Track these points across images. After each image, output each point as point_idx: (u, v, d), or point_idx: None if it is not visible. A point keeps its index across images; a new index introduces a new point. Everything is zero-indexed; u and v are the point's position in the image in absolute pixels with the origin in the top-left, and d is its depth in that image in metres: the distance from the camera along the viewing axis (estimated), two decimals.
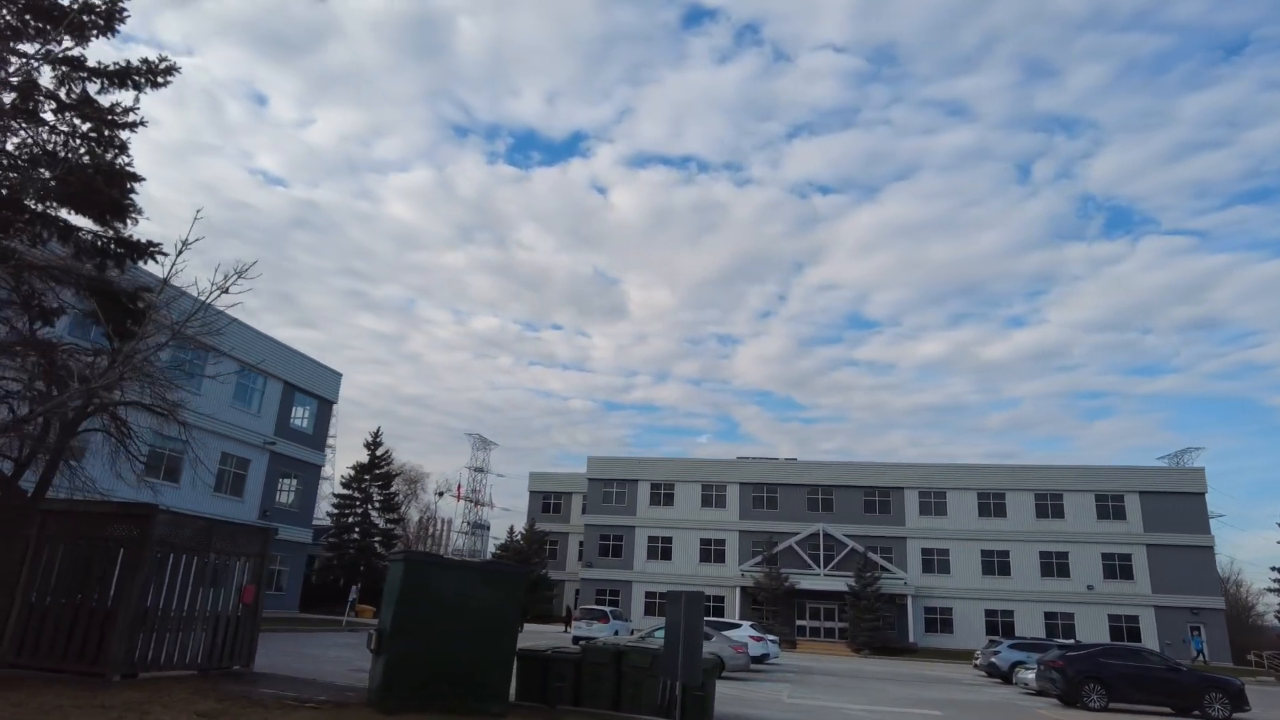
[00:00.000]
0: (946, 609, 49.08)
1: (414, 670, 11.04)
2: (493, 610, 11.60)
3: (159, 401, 13.49)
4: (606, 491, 57.54)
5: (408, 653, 11.04)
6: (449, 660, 11.24)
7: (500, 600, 11.67)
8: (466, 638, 11.37)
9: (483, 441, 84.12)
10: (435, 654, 11.17)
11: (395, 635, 11.06)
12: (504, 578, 11.81)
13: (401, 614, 11.21)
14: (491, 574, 11.76)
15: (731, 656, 22.89)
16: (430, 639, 11.19)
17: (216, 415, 32.27)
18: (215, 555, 13.50)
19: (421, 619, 11.23)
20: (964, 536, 50.09)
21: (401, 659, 11.00)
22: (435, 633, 11.23)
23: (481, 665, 11.39)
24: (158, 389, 13.25)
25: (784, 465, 56.16)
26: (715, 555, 54.55)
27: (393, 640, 11.03)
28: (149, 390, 13.16)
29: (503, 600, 11.69)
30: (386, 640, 11.03)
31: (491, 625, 11.54)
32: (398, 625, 11.12)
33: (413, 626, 11.15)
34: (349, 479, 51.29)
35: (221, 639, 13.55)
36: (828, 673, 28.31)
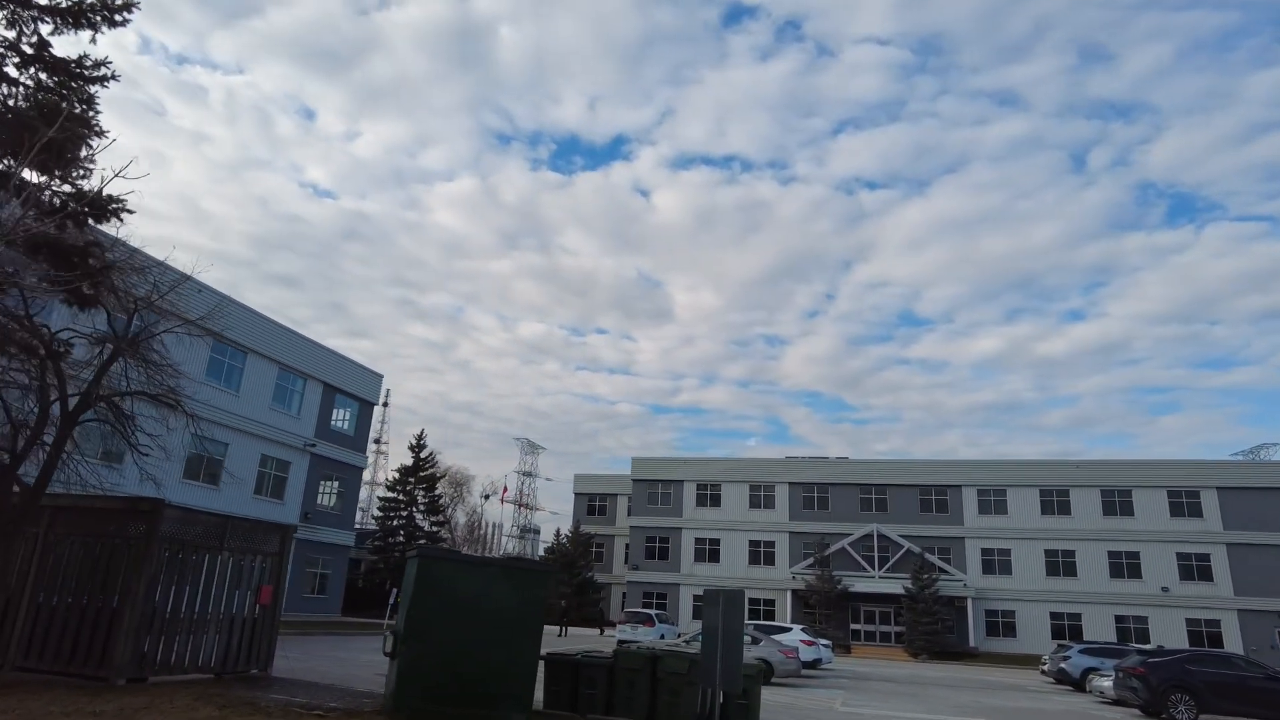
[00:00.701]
0: (1008, 611, 46.86)
1: (428, 676, 10.17)
2: (514, 610, 10.68)
3: (163, 390, 12.69)
4: (651, 493, 56.49)
5: (421, 657, 10.18)
6: (467, 665, 10.35)
7: (522, 599, 10.75)
8: (486, 640, 10.48)
9: (531, 446, 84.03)
10: (451, 658, 10.29)
11: (408, 638, 10.21)
12: (526, 575, 10.88)
13: (414, 615, 10.35)
14: (512, 571, 10.84)
15: (781, 661, 21.70)
16: (446, 642, 10.31)
17: (255, 418, 32.13)
18: (229, 553, 12.86)
19: (436, 620, 10.36)
20: (1026, 536, 47.81)
21: (414, 664, 10.14)
22: (451, 635, 10.35)
23: (502, 670, 10.47)
24: (155, 375, 12.47)
25: (835, 464, 54.45)
26: (765, 557, 53.09)
27: (405, 644, 10.18)
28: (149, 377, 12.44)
29: (525, 599, 10.77)
30: (399, 644, 10.20)
31: (513, 626, 10.62)
32: (410, 627, 10.27)
33: (426, 629, 10.28)
34: (394, 482, 51.21)
35: (237, 641, 12.89)
36: (884, 678, 26.84)
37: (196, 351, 29.61)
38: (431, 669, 10.20)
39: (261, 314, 33.00)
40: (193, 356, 29.52)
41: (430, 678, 10.18)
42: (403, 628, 10.30)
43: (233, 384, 31.35)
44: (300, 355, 34.93)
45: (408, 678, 10.11)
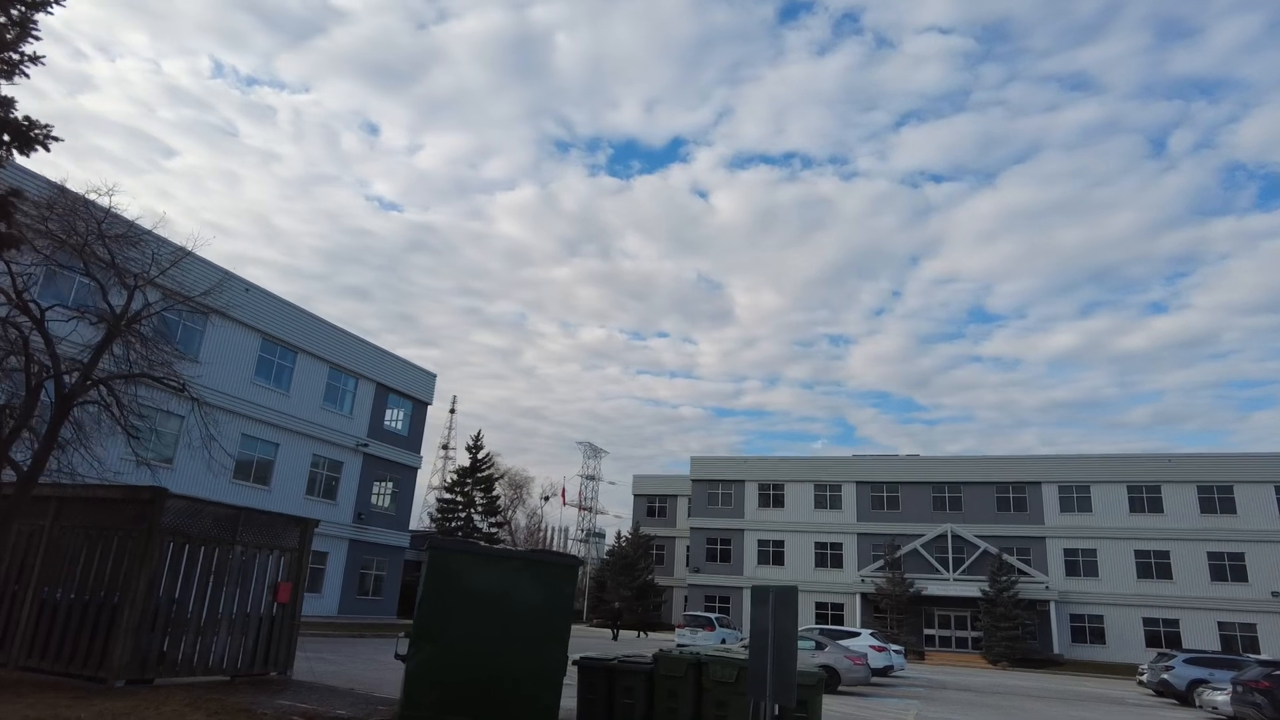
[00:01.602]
0: (1096, 616, 43.74)
1: (441, 681, 9.06)
2: (538, 608, 9.50)
3: (166, 373, 11.91)
4: (711, 493, 54.93)
5: (434, 660, 9.07)
6: (485, 669, 9.21)
7: (548, 596, 9.56)
8: (506, 642, 9.32)
9: (593, 450, 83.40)
10: (468, 662, 9.17)
11: (419, 639, 9.12)
12: (551, 569, 9.68)
13: (426, 614, 9.26)
14: (536, 565, 9.65)
15: (848, 669, 20.05)
16: (461, 644, 9.19)
17: (306, 417, 31.87)
18: (243, 548, 12.01)
19: (451, 620, 9.25)
20: (1113, 535, 44.61)
21: (426, 668, 9.03)
22: (467, 636, 9.23)
23: (525, 675, 9.29)
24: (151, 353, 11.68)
25: (905, 462, 52.00)
26: (832, 560, 50.98)
27: (416, 645, 9.09)
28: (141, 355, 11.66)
29: (551, 596, 9.58)
30: (410, 646, 9.12)
31: (537, 626, 9.44)
32: (422, 628, 9.18)
33: (440, 629, 9.18)
34: (451, 483, 50.91)
35: (252, 642, 12.03)
36: (962, 687, 24.84)
37: (245, 351, 29.53)
38: (445, 673, 9.10)
39: (311, 313, 32.81)
40: (241, 356, 29.44)
41: (444, 683, 9.07)
42: (413, 628, 9.22)
43: (283, 384, 31.14)
44: (351, 355, 34.63)
45: (418, 683, 9.02)
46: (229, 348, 28.73)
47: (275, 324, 30.64)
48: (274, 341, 30.67)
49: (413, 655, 9.05)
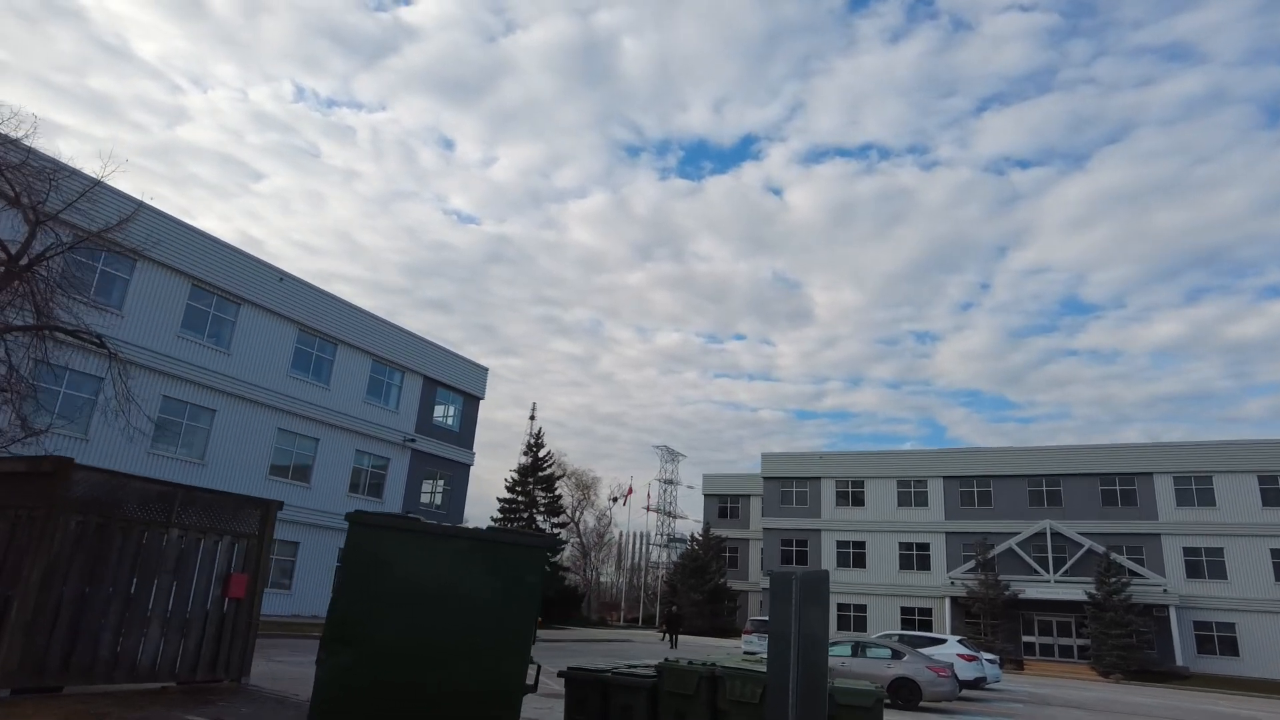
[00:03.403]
0: (1226, 624, 38.77)
1: (359, 699, 6.90)
2: (493, 603, 7.26)
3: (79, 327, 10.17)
4: (785, 491, 51.83)
5: (351, 671, 6.91)
6: (419, 683, 7.00)
7: (506, 588, 7.31)
8: (448, 647, 7.11)
9: (670, 453, 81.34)
10: (396, 673, 6.98)
11: (333, 644, 6.98)
12: (511, 553, 7.41)
13: (343, 611, 7.12)
14: (491, 547, 7.40)
15: (931, 681, 17.11)
16: (388, 650, 7.02)
17: (348, 412, 30.62)
18: (181, 532, 10.17)
19: (375, 618, 7.09)
20: (1243, 532, 39.52)
21: (340, 681, 6.88)
22: (397, 640, 7.06)
23: (473, 691, 7.05)
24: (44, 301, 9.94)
25: (997, 455, 47.70)
26: (918, 561, 47.19)
27: (328, 651, 6.96)
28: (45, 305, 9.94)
29: (510, 588, 7.32)
30: (321, 650, 7.00)
31: (491, 627, 7.20)
32: (336, 628, 7.04)
33: (360, 630, 7.03)
34: (512, 483, 49.36)
35: (196, 644, 10.17)
36: (1070, 704, 21.42)
37: (282, 342, 28.42)
38: (367, 687, 6.92)
39: (350, 304, 31.57)
40: (278, 348, 28.34)
41: (364, 699, 6.90)
42: (326, 627, 7.10)
43: (322, 377, 29.96)
44: (396, 347, 33.32)
45: (330, 701, 6.87)
46: (262, 338, 27.66)
47: (312, 315, 29.48)
48: (311, 333, 29.52)
49: (324, 663, 6.92)
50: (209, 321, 26.21)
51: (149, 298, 24.28)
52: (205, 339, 26.01)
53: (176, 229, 25.14)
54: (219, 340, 26.52)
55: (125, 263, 23.72)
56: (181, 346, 25.08)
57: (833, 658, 18.10)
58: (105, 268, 23.18)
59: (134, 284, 23.86)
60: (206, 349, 25.93)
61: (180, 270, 25.08)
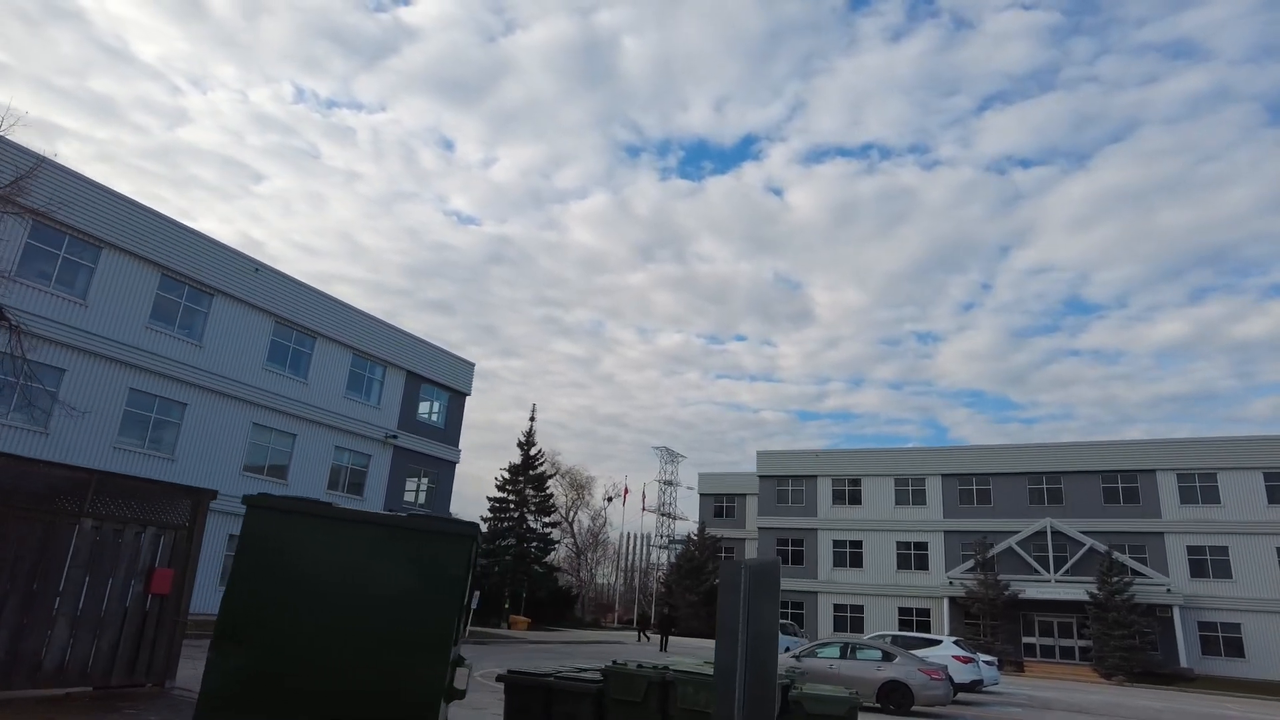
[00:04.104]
0: (1231, 625, 37.82)
1: (258, 704, 6.03)
2: (412, 598, 6.39)
3: None
4: (781, 490, 50.93)
5: (241, 676, 6.05)
6: (320, 691, 6.13)
7: (425, 582, 6.44)
8: (356, 649, 6.23)
9: (670, 454, 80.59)
10: (294, 679, 6.11)
11: (222, 644, 6.11)
12: (430, 542, 6.53)
13: (235, 606, 6.25)
14: (408, 536, 6.53)
15: (923, 684, 16.23)
16: (285, 652, 6.15)
17: (327, 407, 29.75)
18: (96, 523, 9.30)
19: (271, 615, 6.22)
20: (1249, 530, 38.57)
21: (228, 688, 6.01)
22: (296, 641, 6.19)
23: (384, 700, 6.18)
24: None
25: (997, 451, 46.78)
26: (916, 561, 46.27)
27: (217, 653, 6.09)
28: None
29: (430, 582, 6.44)
30: (211, 651, 6.13)
31: (406, 626, 6.32)
32: (227, 626, 6.17)
33: (253, 629, 6.16)
34: (502, 481, 48.45)
35: (112, 645, 9.30)
36: (1072, 707, 20.52)
37: (257, 335, 27.58)
38: (264, 691, 6.06)
39: (330, 296, 30.71)
40: (253, 340, 27.50)
41: (260, 706, 6.03)
42: (217, 625, 6.23)
43: (300, 371, 29.09)
44: (378, 341, 32.46)
45: (219, 707, 6.00)
46: (236, 330, 26.80)
47: (289, 307, 28.63)
48: (288, 325, 28.65)
49: (213, 664, 6.06)
50: (180, 312, 25.36)
51: (115, 287, 23.42)
52: (176, 330, 25.16)
53: (144, 216, 24.31)
54: (191, 332, 25.67)
55: (90, 250, 22.90)
56: (150, 338, 24.22)
57: (821, 660, 17.23)
58: (68, 255, 22.33)
59: (99, 273, 23.00)
60: (177, 341, 25.07)
61: (149, 259, 24.23)
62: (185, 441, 25.10)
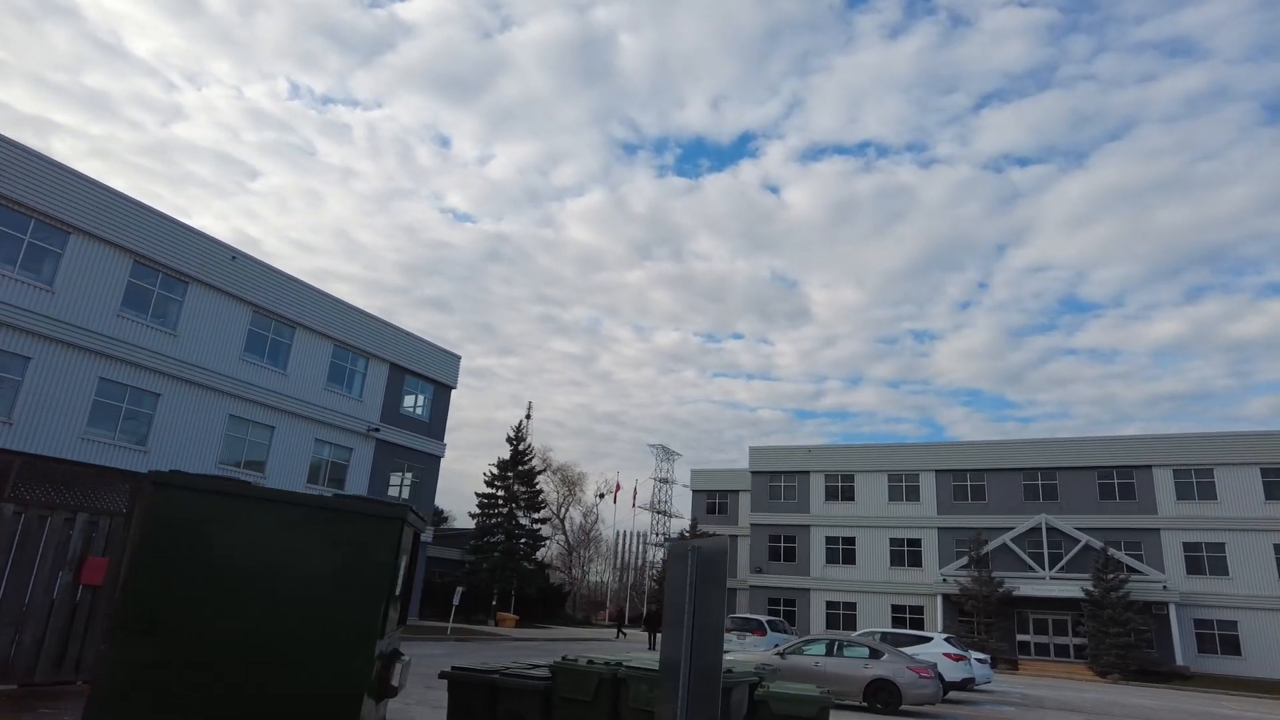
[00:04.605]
0: (1228, 622, 37.34)
1: (159, 701, 5.43)
2: (333, 585, 5.80)
3: None
4: (774, 486, 50.36)
5: (143, 670, 5.45)
6: (232, 688, 5.53)
7: (349, 568, 5.84)
8: (272, 642, 5.64)
9: (666, 452, 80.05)
10: (203, 674, 5.51)
11: (121, 634, 5.51)
12: (355, 524, 5.92)
13: (137, 593, 5.65)
14: (331, 518, 5.92)
15: (912, 682, 15.66)
16: (193, 644, 5.55)
17: (306, 399, 29.11)
18: (19, 508, 8.68)
19: (177, 603, 5.62)
20: (1245, 527, 38.08)
21: (133, 678, 5.42)
22: (205, 632, 5.59)
23: (304, 698, 5.58)
24: None
25: (991, 447, 46.24)
26: (909, 558, 45.73)
27: (115, 644, 5.49)
28: None
29: (354, 568, 5.85)
30: (107, 642, 5.53)
31: (329, 613, 5.73)
32: (127, 616, 5.57)
33: (157, 619, 5.56)
34: (491, 477, 47.83)
35: (36, 640, 8.68)
36: (1066, 706, 19.97)
37: (234, 324, 26.95)
38: (167, 687, 5.46)
39: (310, 285, 30.05)
40: (230, 330, 26.86)
41: (162, 703, 5.43)
42: (114, 614, 5.62)
43: (279, 362, 28.46)
44: (360, 332, 31.82)
45: (114, 704, 5.40)
46: (212, 319, 26.16)
47: (268, 296, 27.99)
48: (267, 315, 28.01)
49: (109, 659, 5.45)
50: (153, 300, 24.71)
51: (84, 274, 22.76)
52: (149, 319, 24.52)
53: (115, 201, 23.65)
54: (164, 320, 25.03)
55: (57, 235, 22.25)
56: (122, 326, 23.58)
57: (807, 657, 16.67)
58: (34, 240, 21.68)
59: (67, 258, 22.35)
60: (150, 329, 24.43)
61: (120, 245, 23.57)
62: (158, 433, 24.46)
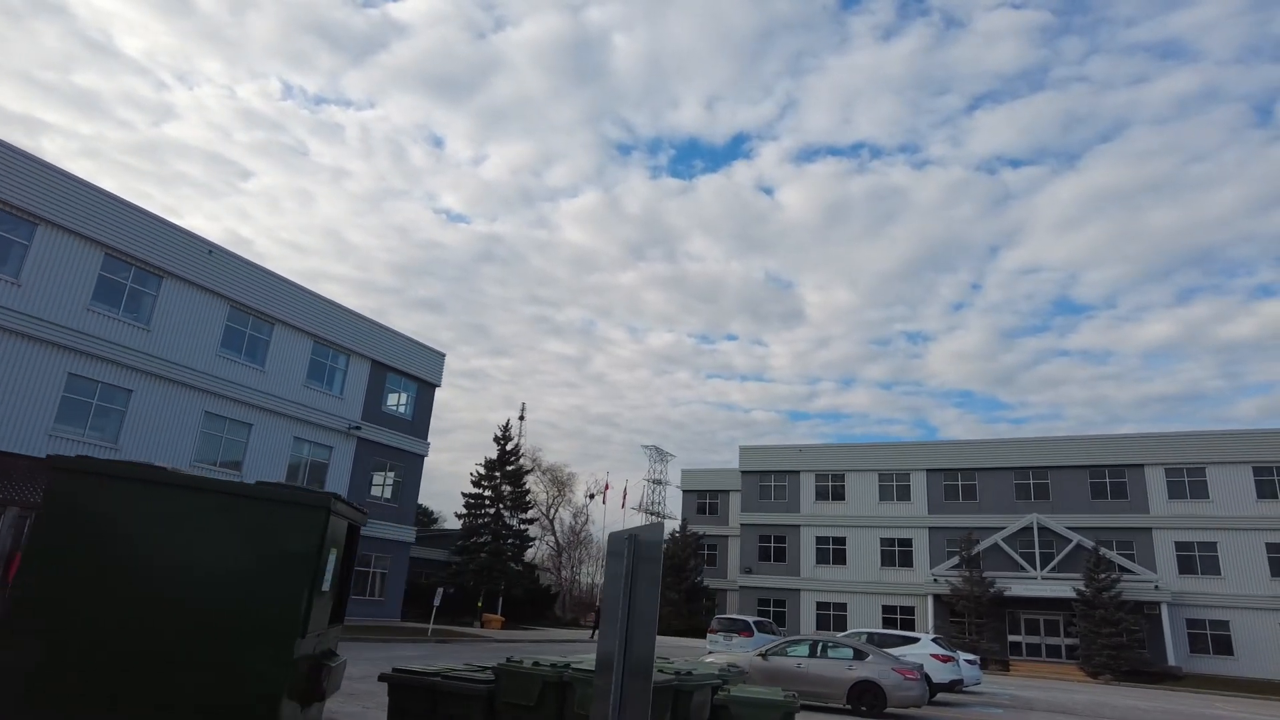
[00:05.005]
0: (1220, 622, 37.02)
1: (45, 709, 4.93)
2: (246, 579, 5.31)
3: None
4: (764, 486, 49.92)
5: (42, 670, 4.95)
6: (133, 689, 5.04)
7: (263, 560, 5.35)
8: (177, 639, 5.14)
9: (659, 454, 79.78)
10: (101, 674, 5.02)
11: (16, 632, 5.02)
12: (271, 512, 5.44)
13: (34, 586, 5.15)
14: (245, 505, 5.43)
15: (896, 685, 15.22)
16: (91, 641, 5.06)
17: (285, 396, 28.56)
18: None
19: (75, 596, 5.13)
20: (1237, 525, 37.79)
21: (24, 684, 4.92)
22: (105, 628, 5.10)
23: (214, 702, 5.09)
24: None
25: (983, 446, 45.88)
26: (900, 558, 45.34)
27: (7, 641, 4.99)
28: None
29: (269, 560, 5.36)
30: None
31: (241, 611, 5.24)
32: (24, 610, 5.08)
33: (53, 613, 5.07)
34: (478, 477, 47.29)
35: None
36: (1055, 708, 19.55)
37: (210, 319, 26.39)
38: (62, 693, 4.96)
39: (289, 280, 29.49)
40: (206, 325, 26.29)
41: (49, 712, 4.93)
42: (8, 609, 5.12)
43: (256, 358, 27.89)
44: (341, 328, 31.26)
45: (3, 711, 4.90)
46: (187, 314, 25.60)
47: (246, 291, 27.42)
48: (245, 310, 27.45)
49: None
50: (125, 294, 24.12)
51: (53, 266, 22.16)
52: (121, 313, 23.92)
53: (85, 192, 23.06)
54: (137, 315, 24.44)
55: (24, 226, 21.67)
56: (92, 320, 22.98)
57: (790, 659, 16.21)
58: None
59: (34, 250, 21.75)
60: (122, 324, 23.84)
61: (90, 237, 22.97)
62: (130, 430, 23.88)
